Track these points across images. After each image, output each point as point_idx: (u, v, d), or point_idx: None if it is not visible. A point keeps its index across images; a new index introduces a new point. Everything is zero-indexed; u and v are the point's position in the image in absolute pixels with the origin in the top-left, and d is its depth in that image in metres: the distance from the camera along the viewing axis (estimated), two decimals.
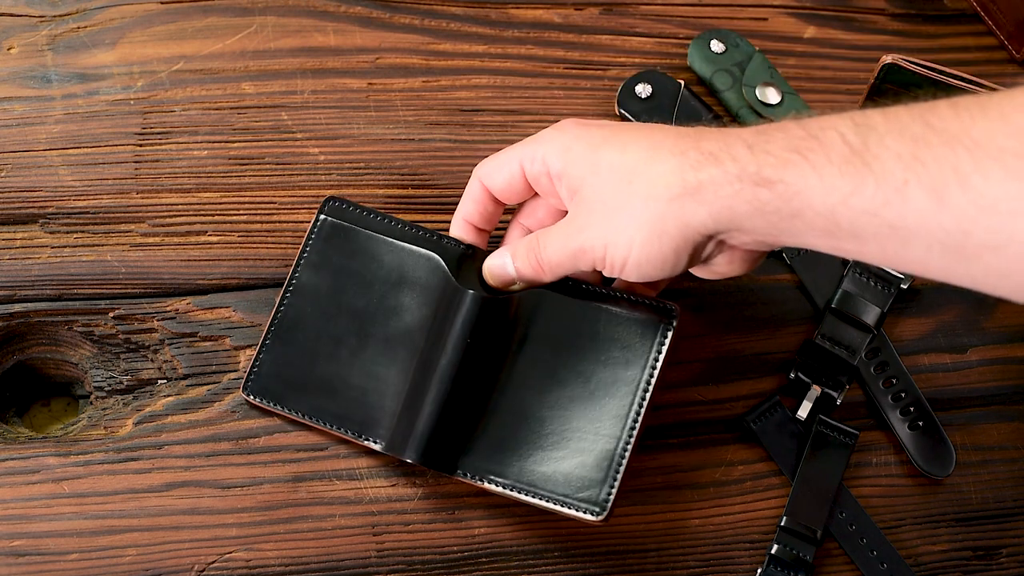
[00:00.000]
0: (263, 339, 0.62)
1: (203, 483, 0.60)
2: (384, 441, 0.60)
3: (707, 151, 0.51)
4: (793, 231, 0.50)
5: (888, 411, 0.65)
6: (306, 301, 0.62)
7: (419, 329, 0.61)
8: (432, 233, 0.62)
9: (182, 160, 0.67)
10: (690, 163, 0.51)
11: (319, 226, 0.63)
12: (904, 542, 0.63)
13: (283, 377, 0.61)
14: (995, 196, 0.43)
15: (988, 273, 0.46)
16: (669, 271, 0.54)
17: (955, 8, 0.77)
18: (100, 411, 0.62)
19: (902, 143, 0.46)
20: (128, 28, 0.70)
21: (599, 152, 0.55)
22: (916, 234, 0.46)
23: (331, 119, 0.69)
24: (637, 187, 0.53)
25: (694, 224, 0.52)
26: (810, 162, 0.48)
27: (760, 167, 0.49)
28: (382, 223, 0.63)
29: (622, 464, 0.58)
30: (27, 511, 0.59)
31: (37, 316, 0.63)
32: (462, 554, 0.60)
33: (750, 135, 0.51)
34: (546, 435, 0.60)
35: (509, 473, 0.59)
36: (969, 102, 0.45)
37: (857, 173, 0.47)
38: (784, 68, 0.73)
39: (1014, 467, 0.65)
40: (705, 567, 0.62)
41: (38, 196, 0.65)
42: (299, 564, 0.59)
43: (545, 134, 0.58)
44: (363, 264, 0.62)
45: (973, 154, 0.44)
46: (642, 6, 0.74)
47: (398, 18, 0.72)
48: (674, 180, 0.52)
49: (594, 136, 0.56)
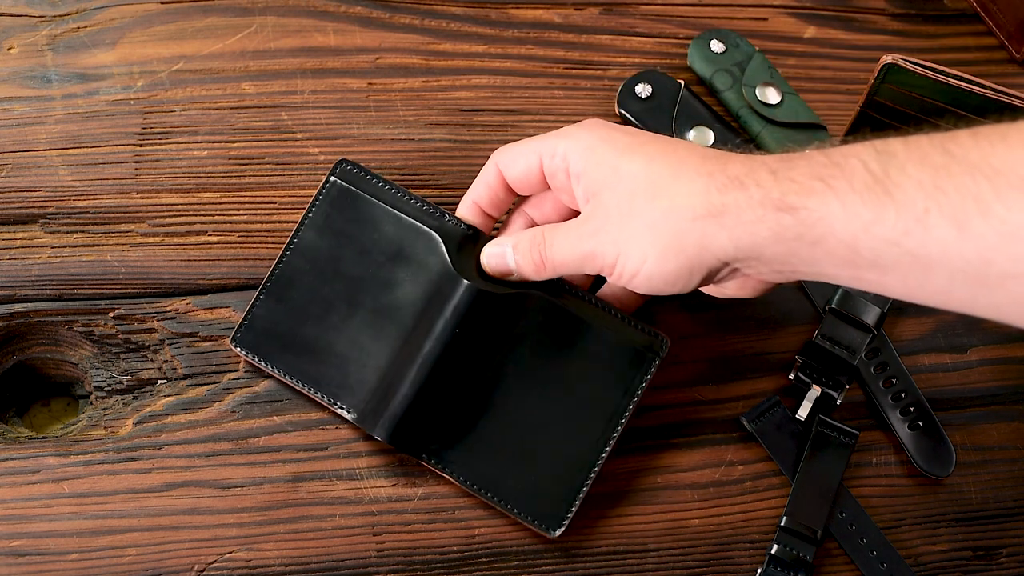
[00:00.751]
0: (258, 293, 0.62)
1: (203, 483, 0.60)
2: (356, 412, 0.60)
3: (733, 175, 0.51)
4: (813, 259, 0.50)
5: (888, 411, 0.65)
6: (304, 261, 0.63)
7: (409, 307, 0.61)
8: (437, 210, 0.62)
9: (182, 160, 0.67)
10: (716, 185, 0.51)
11: (327, 188, 0.63)
12: (904, 542, 0.63)
13: (272, 333, 0.62)
14: (1017, 224, 0.43)
15: (1011, 302, 0.46)
16: (679, 288, 0.54)
17: (955, 8, 0.77)
18: (100, 411, 0.62)
19: (923, 171, 0.46)
20: (128, 28, 0.70)
21: (623, 159, 0.55)
22: (938, 263, 0.46)
23: (331, 119, 0.69)
24: (660, 202, 0.53)
25: (713, 248, 0.52)
26: (833, 189, 0.48)
27: (784, 193, 0.50)
28: (389, 193, 0.63)
29: (585, 486, 0.60)
30: (27, 511, 0.59)
31: (37, 316, 0.63)
32: (462, 554, 0.60)
33: (774, 162, 0.51)
34: (518, 443, 0.60)
35: (474, 471, 0.60)
36: (989, 131, 0.46)
37: (878, 201, 0.47)
38: (784, 68, 0.73)
39: (1014, 467, 0.65)
40: (705, 567, 0.62)
41: (38, 196, 0.65)
42: (299, 564, 0.59)
43: (570, 130, 0.58)
44: (364, 231, 0.63)
45: (994, 183, 0.44)
46: (642, 6, 0.74)
47: (398, 18, 0.72)
48: (698, 201, 0.52)
49: (619, 142, 0.56)
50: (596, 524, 0.61)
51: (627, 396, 0.61)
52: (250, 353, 0.62)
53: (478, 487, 0.60)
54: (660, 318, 0.66)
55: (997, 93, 0.61)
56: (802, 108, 0.70)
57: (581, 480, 0.60)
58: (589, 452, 0.60)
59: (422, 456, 0.60)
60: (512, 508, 0.60)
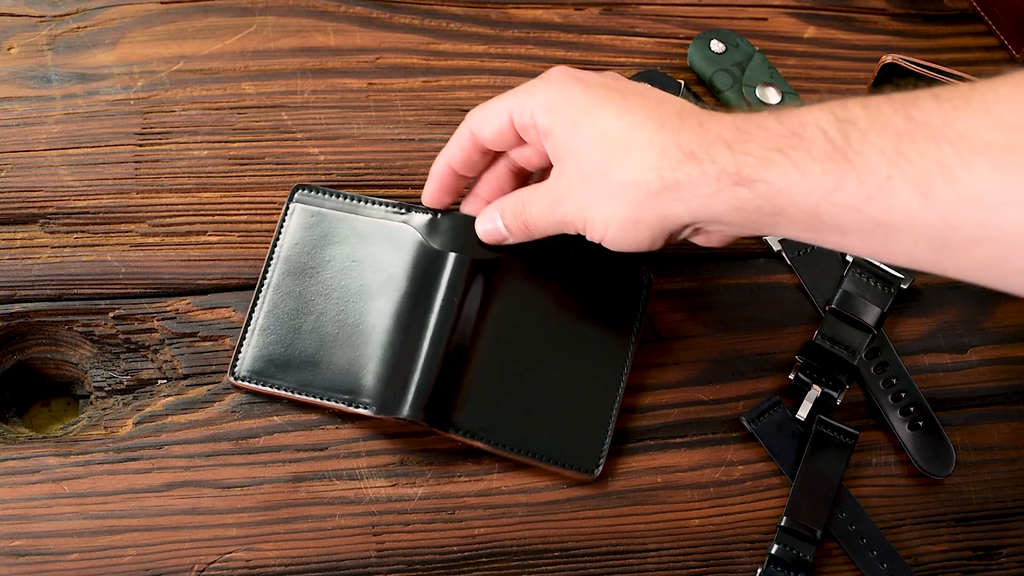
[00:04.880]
0: (244, 325, 0.63)
1: (203, 483, 0.60)
2: (376, 404, 0.61)
3: (687, 149, 0.51)
4: (774, 225, 0.50)
5: (888, 411, 0.65)
6: (284, 284, 0.63)
7: (402, 297, 0.62)
8: (401, 205, 0.64)
9: (182, 160, 0.67)
10: (668, 162, 0.52)
11: (290, 214, 0.65)
12: (904, 542, 0.63)
13: (268, 358, 0.62)
14: (981, 189, 0.43)
15: (976, 265, 0.45)
16: (646, 249, 0.56)
17: (955, 8, 0.77)
18: (100, 411, 0.62)
19: (885, 138, 0.45)
20: (128, 28, 0.70)
21: (583, 119, 0.55)
22: (902, 229, 0.46)
23: (331, 119, 0.69)
24: (614, 174, 0.53)
25: (671, 216, 0.53)
26: (791, 160, 0.48)
27: (740, 167, 0.49)
28: (351, 203, 0.64)
29: (611, 421, 0.62)
30: (27, 511, 0.59)
31: (37, 316, 0.63)
32: (462, 554, 0.60)
33: (730, 132, 0.51)
34: (539, 397, 0.62)
35: (503, 433, 0.61)
36: (952, 94, 0.45)
37: (840, 170, 0.46)
38: (784, 68, 0.73)
39: (1014, 467, 0.65)
40: (705, 567, 0.62)
41: (38, 196, 0.65)
42: (299, 564, 0.59)
43: (536, 85, 0.58)
44: (337, 243, 0.64)
45: (957, 148, 0.43)
46: (642, 6, 0.74)
47: (398, 18, 0.72)
48: (651, 176, 0.52)
49: (580, 99, 0.56)
50: (596, 524, 0.61)
51: (628, 328, 0.63)
52: (252, 381, 0.62)
53: (511, 448, 0.61)
54: (660, 318, 0.66)
55: None
56: None
57: (606, 417, 0.62)
58: (607, 389, 0.62)
59: (450, 428, 0.60)
60: (548, 460, 0.61)
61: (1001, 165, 0.42)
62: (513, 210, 0.60)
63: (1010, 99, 0.43)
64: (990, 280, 0.46)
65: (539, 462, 0.61)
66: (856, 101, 0.47)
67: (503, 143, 0.60)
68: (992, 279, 0.46)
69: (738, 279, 0.67)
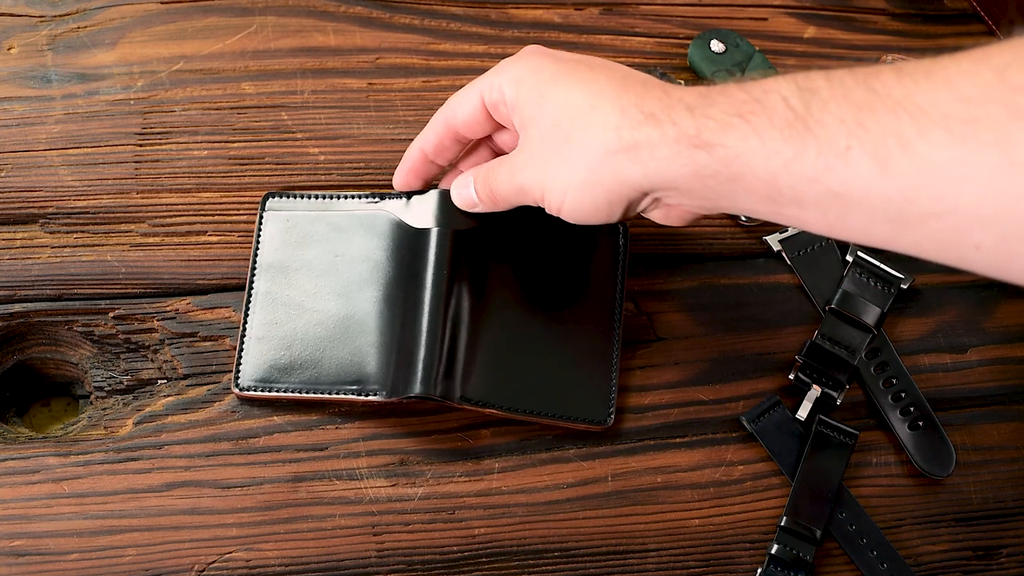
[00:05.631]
0: (240, 335, 0.62)
1: (203, 483, 0.60)
2: (385, 389, 0.61)
3: (648, 111, 0.51)
4: (732, 195, 0.50)
5: (888, 411, 0.65)
6: (271, 290, 0.63)
7: (389, 281, 0.63)
8: (374, 194, 0.64)
9: (182, 160, 0.67)
10: (630, 122, 0.51)
11: (264, 222, 0.65)
12: (904, 542, 0.63)
13: (269, 364, 0.62)
14: (940, 162, 0.42)
15: (932, 240, 0.45)
16: (604, 219, 0.55)
17: (955, 8, 0.77)
18: (100, 411, 0.62)
19: (845, 108, 0.45)
20: (128, 28, 0.70)
21: (547, 89, 0.55)
22: (859, 201, 0.45)
23: (331, 119, 0.69)
24: (576, 135, 0.53)
25: (628, 180, 0.52)
26: (752, 125, 0.48)
27: (700, 130, 0.49)
28: (322, 202, 0.65)
29: (614, 370, 0.63)
30: (27, 511, 0.59)
31: (37, 316, 0.63)
32: (462, 554, 0.60)
33: (693, 98, 0.51)
34: (541, 356, 0.62)
35: (512, 397, 0.61)
36: (913, 67, 0.45)
37: (799, 138, 0.46)
38: (784, 68, 0.73)
39: (1014, 467, 0.65)
40: (705, 567, 0.62)
41: (38, 196, 0.65)
42: (299, 564, 0.59)
43: (506, 62, 0.58)
44: (316, 242, 0.64)
45: (917, 120, 0.43)
46: (642, 6, 0.74)
47: (398, 18, 0.72)
48: (611, 136, 0.52)
49: (546, 71, 0.56)
50: (596, 524, 0.61)
51: (611, 277, 0.64)
52: (257, 389, 0.62)
53: (523, 410, 0.61)
54: (660, 318, 0.66)
55: None
56: None
57: (609, 366, 0.63)
58: (604, 339, 0.64)
59: (459, 399, 0.60)
60: (561, 416, 0.62)
61: (960, 137, 0.42)
62: (484, 177, 0.59)
63: (971, 73, 0.43)
64: (946, 256, 0.46)
65: (553, 420, 0.62)
66: (820, 73, 0.47)
67: (476, 127, 0.60)
68: (948, 255, 0.45)
69: (738, 279, 0.67)
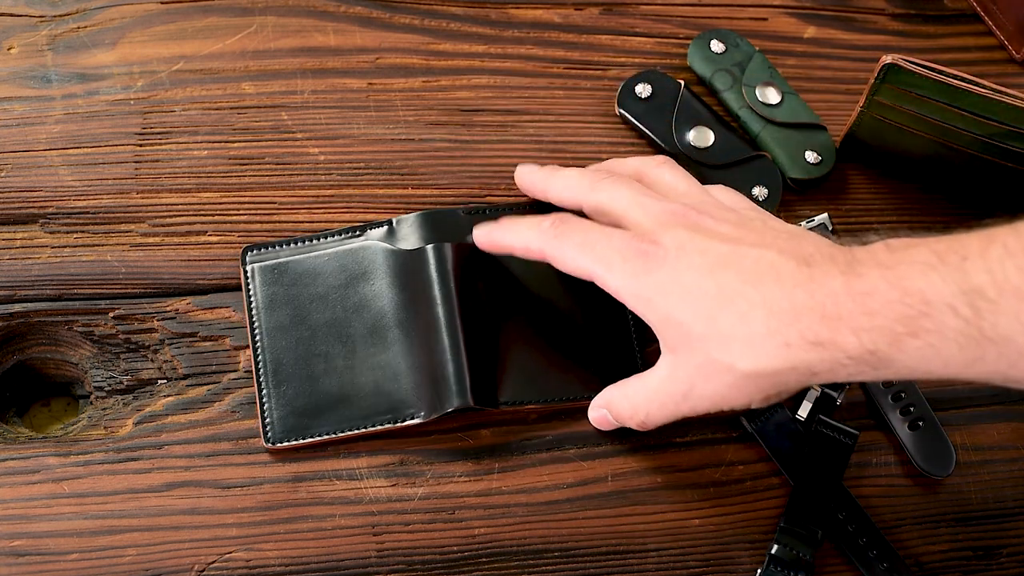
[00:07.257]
0: (257, 392, 0.62)
1: (203, 483, 0.60)
2: (423, 411, 0.61)
3: (812, 338, 0.51)
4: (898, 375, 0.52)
5: (888, 411, 0.65)
6: (277, 342, 0.62)
7: (396, 307, 0.63)
8: (354, 229, 0.65)
9: (182, 160, 0.67)
10: (795, 352, 0.52)
11: (250, 276, 0.64)
12: (904, 542, 0.63)
13: (296, 413, 0.61)
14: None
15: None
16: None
17: (955, 8, 0.77)
18: (100, 411, 0.62)
19: (1020, 305, 0.46)
20: (128, 28, 0.70)
21: (676, 313, 0.55)
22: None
23: (331, 119, 0.69)
24: (738, 365, 0.54)
25: (790, 385, 0.55)
26: (926, 342, 0.49)
27: (875, 347, 0.50)
28: (303, 245, 0.65)
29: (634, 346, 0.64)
30: (27, 511, 0.59)
31: (37, 316, 0.63)
32: (462, 554, 0.60)
33: (855, 317, 0.50)
34: (566, 346, 0.63)
35: (547, 390, 0.62)
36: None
37: (978, 346, 0.47)
38: (784, 68, 0.73)
39: (1014, 467, 0.65)
40: (705, 567, 0.62)
41: (38, 196, 0.65)
42: (299, 564, 0.59)
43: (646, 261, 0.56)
44: (309, 284, 0.64)
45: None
46: (642, 6, 0.74)
47: (398, 18, 0.72)
48: (782, 365, 0.53)
49: (699, 297, 0.55)
50: (596, 524, 0.61)
51: None
52: (290, 439, 0.61)
53: (559, 399, 0.62)
54: None
55: (997, 93, 0.61)
56: (802, 108, 0.70)
57: (629, 340, 0.64)
58: (619, 316, 0.64)
59: (499, 404, 0.61)
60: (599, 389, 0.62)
61: None
62: (631, 414, 0.60)
63: None
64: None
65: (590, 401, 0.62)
66: (979, 264, 0.47)
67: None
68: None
69: None
